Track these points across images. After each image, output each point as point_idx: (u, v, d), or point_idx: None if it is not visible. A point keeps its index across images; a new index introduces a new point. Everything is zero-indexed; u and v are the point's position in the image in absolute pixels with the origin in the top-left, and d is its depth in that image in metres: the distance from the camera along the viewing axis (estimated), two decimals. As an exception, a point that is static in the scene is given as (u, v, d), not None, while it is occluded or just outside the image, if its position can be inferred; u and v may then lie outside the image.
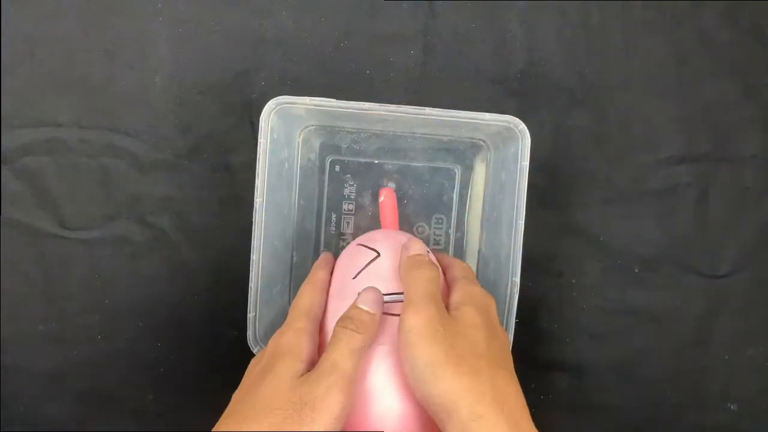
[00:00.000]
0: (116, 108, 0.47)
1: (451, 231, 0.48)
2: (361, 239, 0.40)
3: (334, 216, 0.47)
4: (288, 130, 0.44)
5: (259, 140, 0.39)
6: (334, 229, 0.47)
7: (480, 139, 0.47)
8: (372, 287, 0.34)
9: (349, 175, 0.47)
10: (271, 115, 0.39)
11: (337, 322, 0.32)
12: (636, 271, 0.49)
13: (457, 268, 0.38)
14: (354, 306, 0.33)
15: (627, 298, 0.49)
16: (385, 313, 0.34)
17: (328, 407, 0.28)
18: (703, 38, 0.48)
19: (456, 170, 0.47)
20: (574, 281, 0.49)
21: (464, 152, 0.47)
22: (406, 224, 0.48)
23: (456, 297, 0.34)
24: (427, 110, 0.39)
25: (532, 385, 0.49)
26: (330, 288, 0.38)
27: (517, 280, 0.40)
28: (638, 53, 0.48)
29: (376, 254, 0.38)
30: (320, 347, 0.34)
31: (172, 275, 0.47)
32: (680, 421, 0.49)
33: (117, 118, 0.47)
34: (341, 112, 0.41)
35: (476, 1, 0.47)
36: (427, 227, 0.48)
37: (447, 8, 0.47)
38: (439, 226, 0.48)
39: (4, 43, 0.46)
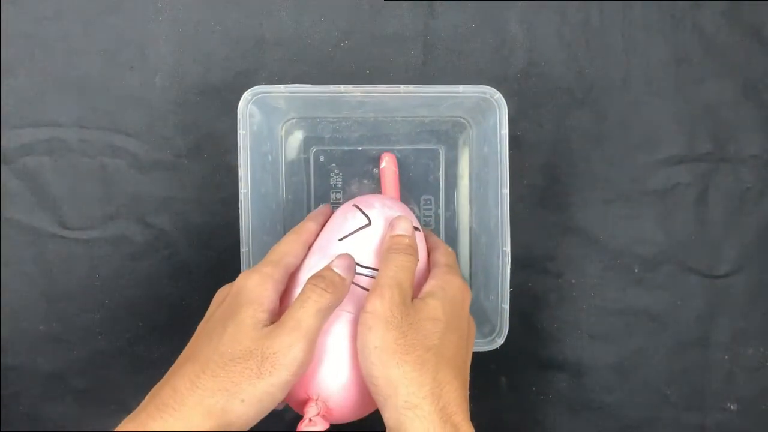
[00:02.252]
0: (116, 108, 0.47)
1: (441, 210, 0.48)
2: (359, 200, 0.40)
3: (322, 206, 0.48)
4: (269, 124, 0.45)
5: (239, 131, 0.39)
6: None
7: (460, 117, 0.47)
8: (348, 255, 0.34)
9: (334, 165, 0.47)
10: (248, 105, 0.40)
11: (309, 280, 0.32)
12: (636, 271, 0.49)
13: (440, 252, 0.38)
14: (328, 267, 0.33)
15: (627, 298, 0.49)
16: (356, 284, 0.35)
17: (288, 363, 0.29)
18: (703, 38, 0.48)
19: (440, 150, 0.48)
20: (574, 281, 0.49)
21: (446, 132, 0.48)
22: None
23: (429, 285, 0.34)
24: (402, 87, 0.39)
25: (533, 387, 0.49)
26: (315, 241, 0.38)
27: (508, 249, 0.40)
28: (638, 53, 0.48)
29: (367, 222, 0.37)
30: (288, 296, 0.35)
31: (172, 275, 0.47)
32: (680, 421, 0.49)
33: (117, 118, 0.47)
34: (321, 102, 0.41)
35: (476, 1, 0.47)
36: (416, 208, 0.48)
37: (447, 8, 0.47)
38: (428, 206, 0.48)
39: (4, 43, 0.46)
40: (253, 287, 0.32)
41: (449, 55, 0.47)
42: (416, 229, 0.38)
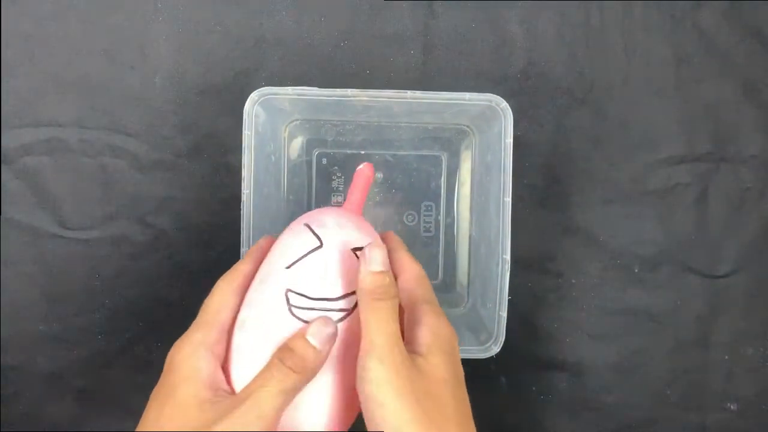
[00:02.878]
0: (116, 108, 0.47)
1: (441, 217, 0.48)
2: (310, 216, 0.35)
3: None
4: (273, 125, 0.45)
5: (244, 132, 0.39)
6: None
7: (464, 125, 0.47)
8: (329, 320, 0.29)
9: (336, 168, 0.47)
10: (255, 106, 0.40)
11: (276, 353, 0.28)
12: (636, 271, 0.49)
13: (414, 280, 0.32)
14: (301, 336, 0.28)
15: (627, 298, 0.49)
16: (301, 320, 0.30)
17: None
18: (703, 38, 0.48)
19: (442, 157, 0.48)
20: (574, 281, 0.49)
21: (449, 139, 0.48)
22: (395, 213, 0.48)
23: (423, 336, 0.29)
24: (409, 93, 0.39)
25: (533, 387, 0.49)
26: (256, 274, 0.33)
27: (508, 257, 0.39)
28: (638, 53, 0.48)
29: (318, 244, 0.32)
30: (230, 348, 0.30)
31: (172, 275, 0.47)
32: (680, 421, 0.49)
33: (117, 118, 0.47)
34: (325, 104, 0.41)
35: (476, 1, 0.47)
36: (416, 215, 0.48)
37: (447, 8, 0.47)
38: (429, 213, 0.48)
39: (4, 43, 0.46)
40: (185, 360, 0.29)
41: (449, 55, 0.47)
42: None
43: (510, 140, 0.39)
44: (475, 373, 0.49)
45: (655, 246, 0.49)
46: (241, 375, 0.29)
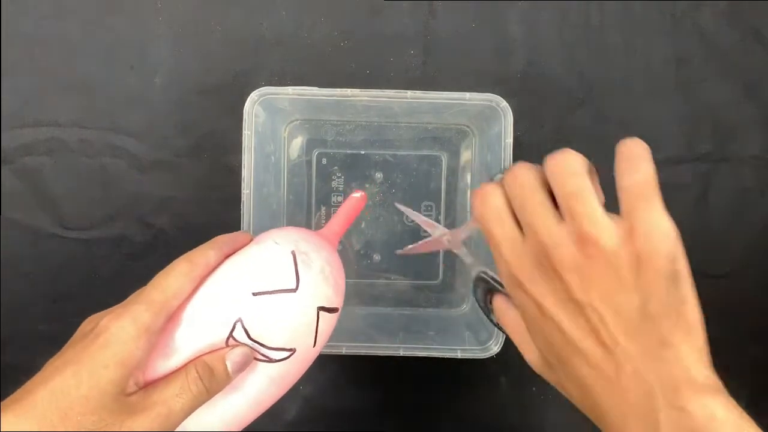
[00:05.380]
0: (116, 108, 0.47)
1: (441, 217, 0.48)
2: (300, 244, 0.32)
3: (323, 209, 0.48)
4: (273, 125, 0.45)
5: (244, 132, 0.39)
6: (324, 221, 0.47)
7: (464, 125, 0.47)
8: (249, 351, 0.30)
9: (336, 168, 0.47)
10: (254, 106, 0.40)
11: (197, 366, 0.28)
12: (636, 271, 0.49)
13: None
14: (221, 359, 0.29)
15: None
16: (258, 359, 0.30)
17: None
18: (703, 38, 0.48)
19: (442, 157, 0.48)
20: (574, 281, 0.49)
21: (450, 139, 0.48)
22: (396, 213, 0.48)
23: None
24: (409, 93, 0.39)
25: (533, 387, 0.49)
26: (218, 271, 0.31)
27: None
28: (638, 53, 0.48)
29: (294, 287, 0.31)
30: (161, 337, 0.29)
31: (172, 275, 0.47)
32: (680, 421, 0.49)
33: (117, 118, 0.47)
34: (325, 104, 0.41)
35: (476, 1, 0.47)
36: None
37: (447, 8, 0.47)
38: (429, 212, 0.48)
39: (4, 43, 0.46)
40: (124, 341, 0.27)
41: (449, 55, 0.47)
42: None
43: (510, 140, 0.39)
44: (475, 372, 0.49)
45: (655, 246, 0.49)
46: (154, 368, 0.29)
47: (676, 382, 0.25)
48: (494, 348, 0.41)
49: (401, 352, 0.41)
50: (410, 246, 0.39)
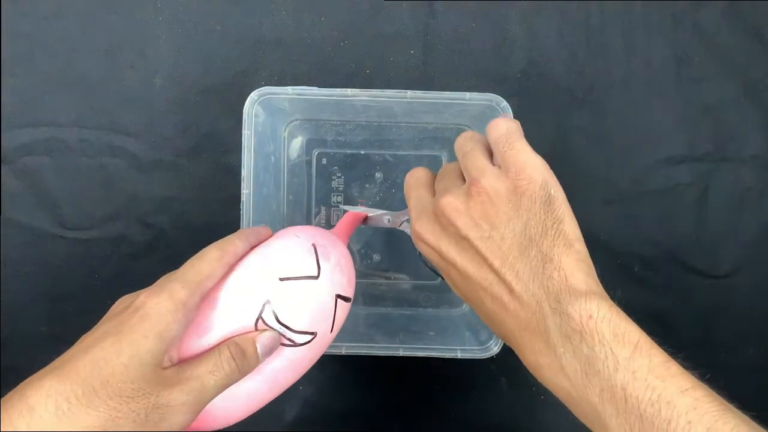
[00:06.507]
0: (116, 108, 0.47)
1: None
2: (318, 239, 0.35)
3: (323, 209, 0.48)
4: (273, 125, 0.45)
5: (243, 132, 0.39)
6: (324, 221, 0.47)
7: (464, 124, 0.47)
8: (277, 337, 0.31)
9: (336, 168, 0.47)
10: (254, 106, 0.40)
11: (231, 347, 0.29)
12: (636, 271, 0.49)
13: None
14: (252, 341, 0.30)
15: (627, 298, 0.49)
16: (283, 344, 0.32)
17: (175, 422, 0.26)
18: (703, 38, 0.48)
19: (443, 157, 0.48)
20: (574, 281, 0.49)
21: (449, 138, 0.48)
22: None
23: None
24: (409, 93, 0.39)
25: (533, 387, 0.49)
26: (252, 261, 0.33)
27: None
28: (638, 53, 0.48)
29: (315, 274, 0.33)
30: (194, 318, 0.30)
31: (172, 275, 0.47)
32: (680, 421, 0.49)
33: (117, 118, 0.47)
34: (325, 104, 0.41)
35: (476, 1, 0.47)
36: None
37: (447, 8, 0.47)
38: None
39: (4, 43, 0.46)
40: (162, 314, 0.28)
41: (449, 55, 0.47)
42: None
43: None
44: (475, 373, 0.49)
45: (655, 246, 0.49)
46: (188, 346, 0.30)
47: (557, 291, 0.28)
48: (494, 348, 0.41)
49: (401, 352, 0.41)
50: (361, 208, 0.43)
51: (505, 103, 0.39)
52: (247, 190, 0.40)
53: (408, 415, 0.49)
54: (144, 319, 0.27)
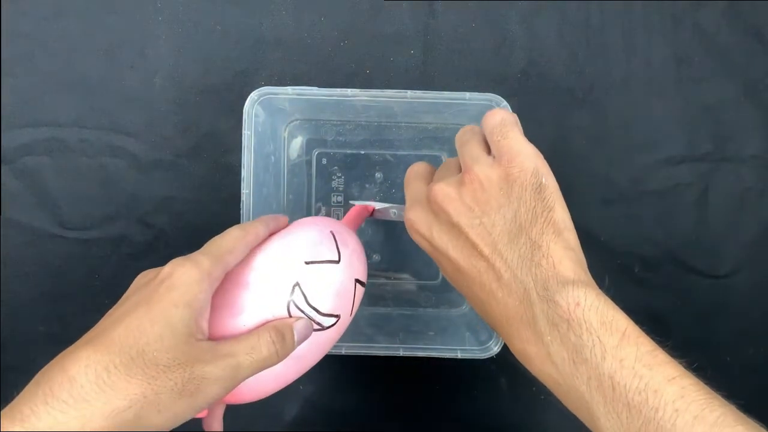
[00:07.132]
0: (116, 108, 0.47)
1: None
2: (336, 229, 0.36)
3: (323, 209, 0.48)
4: (273, 125, 0.45)
5: (243, 132, 0.39)
6: None
7: (465, 124, 0.47)
8: (310, 324, 0.32)
9: (336, 168, 0.47)
10: (254, 106, 0.40)
11: (270, 330, 0.30)
12: (636, 271, 0.49)
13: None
14: (290, 327, 0.31)
15: (627, 298, 0.49)
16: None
17: (209, 394, 0.27)
18: (703, 38, 0.48)
19: (443, 157, 0.48)
20: (574, 281, 0.49)
21: (450, 139, 0.47)
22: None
23: None
24: (409, 93, 0.40)
25: (533, 387, 0.49)
26: (276, 248, 0.34)
27: None
28: (638, 53, 0.48)
29: (337, 259, 0.34)
30: (219, 296, 0.31)
31: (172, 275, 0.47)
32: (680, 421, 0.49)
33: (117, 118, 0.47)
34: (325, 104, 0.41)
35: (476, 1, 0.47)
36: None
37: (447, 8, 0.47)
38: None
39: (4, 43, 0.46)
40: (189, 283, 0.28)
41: (449, 55, 0.47)
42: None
43: None
44: (475, 373, 0.49)
45: (655, 246, 0.49)
46: (221, 325, 0.31)
47: (545, 279, 0.28)
48: (494, 348, 0.41)
49: (401, 352, 0.41)
50: (370, 202, 0.44)
51: (505, 103, 0.39)
52: (247, 190, 0.40)
53: (408, 415, 0.49)
54: (171, 289, 0.28)
